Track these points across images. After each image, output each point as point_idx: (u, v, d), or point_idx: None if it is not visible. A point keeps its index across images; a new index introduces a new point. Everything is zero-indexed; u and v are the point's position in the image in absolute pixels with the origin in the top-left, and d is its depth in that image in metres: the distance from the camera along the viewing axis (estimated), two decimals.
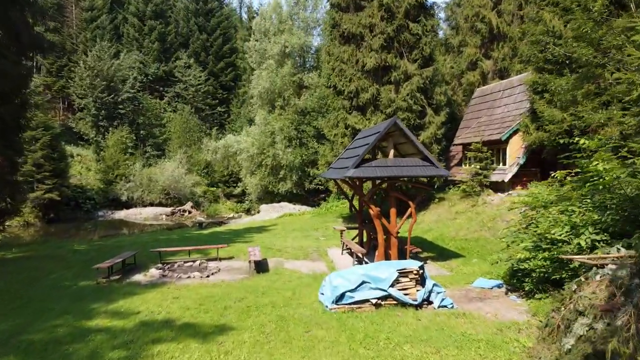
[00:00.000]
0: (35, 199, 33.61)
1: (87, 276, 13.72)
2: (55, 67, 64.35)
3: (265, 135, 39.23)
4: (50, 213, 35.68)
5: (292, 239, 21.71)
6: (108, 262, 13.67)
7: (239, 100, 63.95)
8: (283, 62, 39.30)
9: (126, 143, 46.98)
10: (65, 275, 13.81)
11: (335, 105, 26.22)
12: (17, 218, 33.82)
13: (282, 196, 40.41)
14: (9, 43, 18.93)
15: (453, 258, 15.49)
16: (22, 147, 20.60)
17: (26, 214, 33.95)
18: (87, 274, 13.92)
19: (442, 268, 14.30)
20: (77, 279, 13.46)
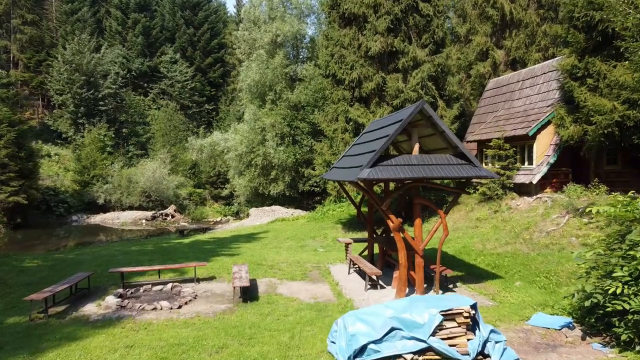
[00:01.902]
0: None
1: (23, 307, 10.53)
2: (34, 61, 60.66)
3: (255, 132, 36.03)
4: (16, 218, 32.19)
5: (287, 250, 18.63)
6: (49, 289, 10.46)
7: (227, 98, 60.92)
8: (274, 52, 36.14)
9: (104, 141, 43.49)
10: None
11: (335, 96, 23.14)
12: None
13: (274, 199, 37.23)
14: None
15: (488, 279, 12.46)
16: None
17: None
18: (24, 303, 10.70)
19: (479, 294, 11.26)
20: (7, 313, 10.26)
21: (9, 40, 59.90)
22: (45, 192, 36.31)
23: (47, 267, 15.05)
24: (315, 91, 33.51)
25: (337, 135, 22.74)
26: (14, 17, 59.70)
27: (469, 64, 32.42)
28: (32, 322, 9.62)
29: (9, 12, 59.50)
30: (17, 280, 13.11)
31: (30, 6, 61.60)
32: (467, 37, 32.93)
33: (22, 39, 59.70)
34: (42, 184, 37.58)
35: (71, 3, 63.67)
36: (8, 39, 59.88)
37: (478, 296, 11.06)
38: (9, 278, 13.32)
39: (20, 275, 13.74)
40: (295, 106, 35.77)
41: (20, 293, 11.83)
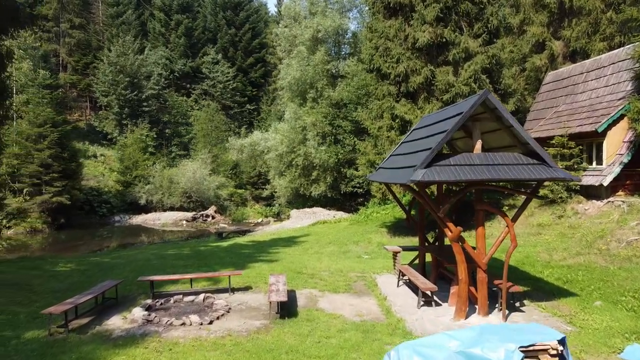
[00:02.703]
0: (43, 203, 30.36)
1: (46, 319, 9.74)
2: (81, 64, 62.15)
3: (296, 132, 35.02)
4: (60, 218, 32.45)
5: (328, 257, 17.40)
6: (71, 300, 9.65)
7: (269, 98, 60.48)
8: (315, 48, 35.02)
9: (146, 142, 43.61)
10: (13, 320, 9.86)
11: (379, 92, 21.72)
12: (23, 224, 30.82)
13: (315, 200, 36.11)
14: None
15: (560, 297, 10.80)
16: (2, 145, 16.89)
17: (33, 219, 30.82)
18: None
19: (552, 315, 9.66)
20: (27, 325, 9.50)
21: (58, 44, 61.55)
22: (88, 193, 36.63)
23: (79, 272, 14.44)
24: (358, 88, 32.15)
25: (382, 134, 21.31)
26: (62, 21, 61.28)
27: (522, 56, 30.22)
28: (50, 337, 8.81)
29: (58, 16, 61.10)
30: (46, 287, 12.48)
31: (78, 10, 63.12)
32: (521, 28, 30.68)
33: (70, 42, 61.23)
34: (87, 184, 37.98)
35: (116, 6, 64.89)
36: (57, 43, 61.53)
37: (551, 318, 9.47)
38: (37, 284, 12.71)
39: (50, 281, 13.13)
40: (337, 104, 34.55)
41: (47, 301, 11.12)
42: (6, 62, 16.78)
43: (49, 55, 57.71)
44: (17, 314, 10.16)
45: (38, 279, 13.32)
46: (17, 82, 35.28)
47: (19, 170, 31.28)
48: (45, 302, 11.05)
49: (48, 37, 60.81)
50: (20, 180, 31.42)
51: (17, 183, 31.40)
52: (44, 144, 30.61)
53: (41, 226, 31.43)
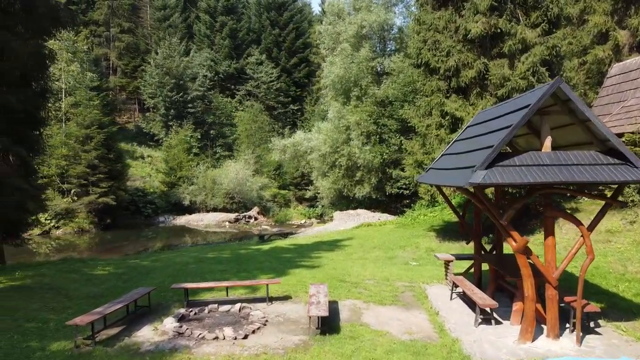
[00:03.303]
0: (90, 204, 30.86)
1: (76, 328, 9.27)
2: (130, 67, 63.76)
3: (339, 131, 34.10)
4: (106, 219, 32.93)
5: (373, 263, 16.38)
6: (99, 309, 9.11)
7: (312, 98, 59.93)
8: (359, 45, 33.97)
9: (190, 142, 43.86)
10: (42, 328, 9.43)
11: (427, 88, 20.49)
12: (71, 224, 31.41)
13: (359, 202, 35.06)
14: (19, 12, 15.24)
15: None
16: (40, 145, 16.88)
17: (80, 220, 31.36)
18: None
19: (636, 340, 8.29)
20: (55, 335, 9.02)
21: (109, 48, 63.37)
22: (133, 193, 37.12)
23: (115, 276, 14.08)
24: (404, 85, 30.88)
25: (431, 132, 20.08)
26: (112, 26, 63.04)
27: (583, 48, 28.08)
28: (76, 350, 8.25)
29: (109, 21, 62.89)
30: (81, 292, 12.11)
31: (127, 15, 64.80)
32: (581, 17, 28.54)
33: (119, 46, 62.93)
34: (133, 184, 38.52)
35: (163, 10, 66.19)
36: (108, 47, 63.39)
37: (635, 343, 8.11)
38: (73, 289, 12.37)
39: (86, 286, 12.79)
40: (382, 102, 33.39)
41: (79, 308, 10.71)
42: (48, 62, 16.76)
43: (100, 59, 59.51)
44: (48, 322, 9.74)
45: (75, 283, 13.02)
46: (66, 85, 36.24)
47: (67, 171, 31.99)
48: (78, 309, 10.64)
49: (99, 42, 62.79)
50: (68, 181, 32.15)
51: (66, 184, 32.14)
52: (90, 145, 31.16)
53: (88, 226, 31.99)
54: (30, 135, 15.95)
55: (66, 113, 34.30)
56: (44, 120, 17.11)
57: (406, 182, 30.53)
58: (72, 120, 33.42)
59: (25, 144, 15.62)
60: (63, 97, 35.60)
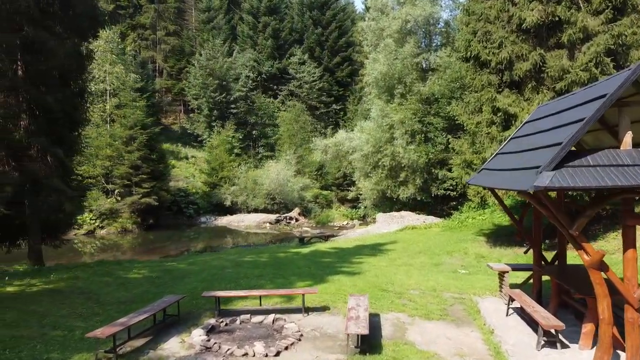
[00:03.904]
0: (133, 204, 31.14)
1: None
2: (175, 69, 64.81)
3: (382, 130, 32.94)
4: (149, 219, 33.19)
5: (419, 270, 15.29)
6: (123, 320, 8.55)
7: (355, 97, 58.86)
8: (404, 40, 32.70)
9: (232, 143, 43.80)
10: (67, 337, 8.98)
11: (477, 83, 19.16)
12: (115, 224, 31.80)
13: (403, 203, 33.78)
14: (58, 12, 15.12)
15: None
16: (78, 146, 16.77)
17: (124, 220, 31.71)
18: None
19: None
20: (78, 345, 8.53)
21: (155, 51, 64.64)
22: (176, 194, 37.31)
23: (149, 281, 13.66)
24: (451, 81, 29.41)
25: (481, 130, 18.75)
26: (158, 29, 64.26)
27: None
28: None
29: (155, 24, 64.12)
30: (113, 297, 11.70)
31: (173, 18, 65.90)
32: None
33: (165, 49, 64.09)
34: (176, 185, 38.75)
35: (207, 12, 66.87)
36: (154, 50, 64.67)
37: None
38: (105, 293, 11.99)
39: (118, 290, 12.39)
40: (427, 99, 32.02)
41: (108, 315, 10.26)
42: (86, 62, 16.64)
43: (147, 61, 60.79)
44: (74, 330, 9.30)
45: (107, 287, 12.66)
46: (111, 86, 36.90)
47: (112, 172, 32.47)
48: (107, 316, 10.19)
49: (146, 45, 64.21)
50: (112, 181, 32.63)
51: (110, 184, 32.63)
52: (133, 146, 31.46)
53: (131, 226, 32.32)
54: (68, 136, 15.87)
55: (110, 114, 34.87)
56: (82, 121, 17.04)
57: (453, 183, 29.07)
58: (116, 121, 33.94)
59: (63, 144, 15.53)
60: (108, 99, 36.27)
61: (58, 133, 15.40)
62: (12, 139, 14.19)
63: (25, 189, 14.87)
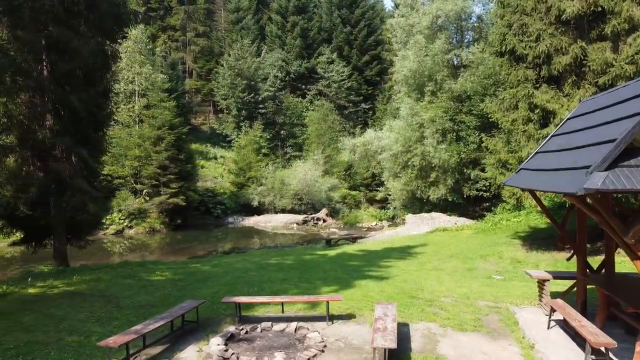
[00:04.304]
0: (160, 204, 31.25)
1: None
2: (205, 70, 65.28)
3: (412, 129, 32.10)
4: (177, 219, 33.26)
5: (450, 276, 14.53)
6: (137, 327, 8.18)
7: (384, 96, 58.17)
8: (434, 36, 31.79)
9: (259, 143, 43.62)
10: (83, 343, 8.68)
11: (513, 78, 18.23)
12: (143, 224, 31.98)
13: (434, 204, 32.86)
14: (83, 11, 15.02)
15: None
16: (102, 146, 16.67)
17: (152, 220, 31.85)
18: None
19: None
20: (92, 353, 8.19)
21: (185, 52, 65.28)
22: (204, 194, 37.33)
23: (171, 283, 13.37)
24: (485, 77, 28.36)
25: (517, 127, 17.82)
26: (188, 30, 64.88)
27: None
28: None
29: (185, 26, 64.77)
30: (133, 300, 11.41)
31: (202, 19, 66.45)
32: None
33: (195, 50, 64.68)
34: (204, 185, 38.79)
35: (236, 12, 67.16)
36: (184, 51, 65.32)
37: None
38: (125, 296, 11.72)
39: (139, 293, 12.11)
40: (458, 97, 31.04)
41: (127, 319, 9.95)
42: (111, 62, 16.53)
43: (177, 62, 61.46)
44: (90, 336, 9.00)
45: (129, 289, 12.41)
46: (139, 87, 37.24)
47: (140, 172, 32.69)
48: (125, 320, 9.89)
49: (176, 46, 64.94)
50: (140, 181, 32.86)
51: (139, 184, 32.87)
52: (161, 146, 31.56)
53: (159, 226, 32.45)
54: (93, 136, 15.78)
55: (139, 115, 35.16)
56: (107, 121, 16.96)
57: (486, 184, 28.03)
58: (145, 122, 34.17)
59: (87, 145, 15.44)
60: (136, 99, 36.62)
61: (82, 133, 15.32)
62: (37, 139, 14.14)
63: (50, 189, 14.83)
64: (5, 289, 11.81)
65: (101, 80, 16.09)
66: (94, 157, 15.74)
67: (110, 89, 16.91)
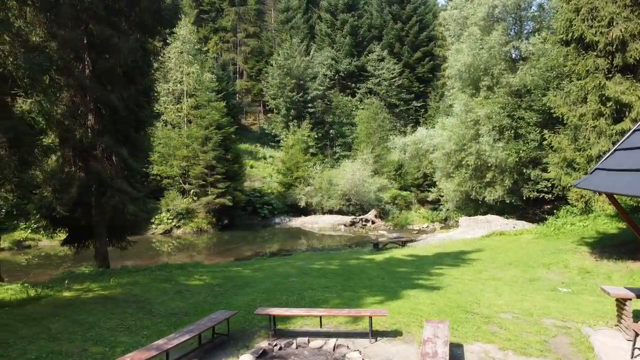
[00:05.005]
0: (207, 204, 31.23)
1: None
2: (255, 70, 65.66)
3: (466, 127, 30.39)
4: (224, 219, 33.18)
5: (509, 287, 13.15)
6: (160, 342, 7.52)
7: (437, 94, 56.28)
8: (490, 28, 29.92)
9: (307, 142, 43.01)
10: (108, 355, 8.15)
11: (581, 68, 16.51)
12: (191, 224, 32.08)
13: (489, 206, 31.00)
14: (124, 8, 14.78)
15: None
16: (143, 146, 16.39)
17: (199, 220, 31.90)
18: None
19: None
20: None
21: (236, 53, 65.94)
22: (251, 194, 37.13)
23: (209, 289, 12.79)
24: (547, 69, 26.31)
25: (586, 123, 16.11)
26: (239, 31, 65.48)
27: None
28: None
29: (236, 27, 65.45)
30: (166, 307, 10.88)
31: (253, 20, 66.93)
32: None
33: (245, 50, 65.25)
34: (251, 185, 38.64)
35: (286, 12, 67.12)
36: (235, 52, 65.99)
37: None
38: (159, 302, 11.21)
39: (174, 299, 11.58)
40: (517, 91, 29.09)
41: (157, 329, 9.38)
42: (152, 59, 16.24)
43: (228, 63, 62.09)
44: (116, 347, 8.47)
45: (164, 295, 11.92)
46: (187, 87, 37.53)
47: (188, 172, 32.87)
48: (155, 330, 9.32)
49: (227, 48, 65.70)
50: (188, 181, 33.04)
51: (187, 184, 33.06)
52: (208, 146, 31.55)
53: (206, 226, 32.46)
54: (133, 135, 15.53)
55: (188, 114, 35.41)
56: (148, 121, 16.72)
57: (548, 185, 26.01)
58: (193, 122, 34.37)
59: (128, 144, 15.20)
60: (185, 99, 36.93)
61: (123, 132, 15.09)
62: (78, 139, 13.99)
63: (91, 189, 14.68)
64: (40, 292, 11.61)
65: (142, 78, 15.83)
66: (134, 157, 15.49)
67: (151, 87, 16.67)
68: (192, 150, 32.78)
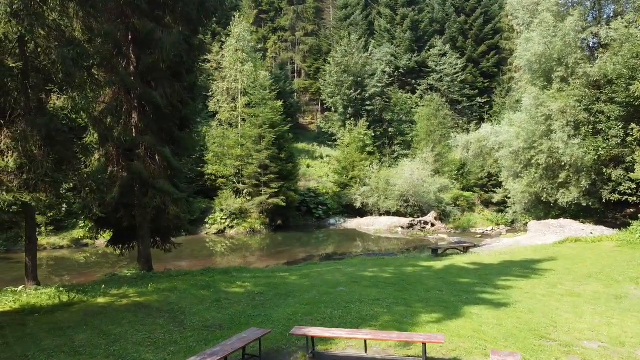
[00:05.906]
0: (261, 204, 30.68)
1: None
2: (313, 69, 65.12)
3: (537, 122, 27.88)
4: (277, 219, 32.53)
5: (592, 305, 11.24)
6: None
7: (503, 89, 53.30)
8: (565, 14, 27.31)
9: (364, 141, 41.60)
10: None
11: None
12: (244, 224, 31.69)
13: (563, 209, 28.33)
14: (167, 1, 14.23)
15: None
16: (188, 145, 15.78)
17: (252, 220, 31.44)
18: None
19: None
20: None
21: (294, 52, 65.73)
22: (305, 194, 36.32)
23: (249, 297, 11.86)
24: (632, 57, 23.52)
25: None
26: (297, 30, 65.20)
27: None
28: None
29: (294, 26, 65.25)
30: (200, 318, 10.03)
31: (311, 18, 66.49)
32: None
33: (303, 49, 64.93)
34: (307, 185, 37.84)
35: (345, 9, 66.14)
36: (293, 51, 65.80)
37: None
38: (194, 313, 10.38)
39: (211, 309, 10.73)
40: (596, 83, 26.35)
41: (186, 344, 8.51)
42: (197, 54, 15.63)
43: (286, 62, 61.86)
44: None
45: (200, 304, 11.10)
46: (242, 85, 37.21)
47: (241, 171, 32.53)
48: (184, 346, 8.45)
49: (285, 47, 65.61)
50: (242, 181, 32.69)
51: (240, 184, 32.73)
52: (262, 145, 31.03)
53: (259, 227, 31.95)
54: (177, 134, 14.92)
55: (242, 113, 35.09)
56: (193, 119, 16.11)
57: (632, 186, 23.22)
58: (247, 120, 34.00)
59: (172, 143, 14.62)
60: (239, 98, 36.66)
61: (167, 131, 14.53)
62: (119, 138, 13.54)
63: (134, 189, 14.21)
64: (74, 297, 11.12)
65: (187, 75, 15.22)
66: (178, 157, 14.90)
67: (196, 84, 16.05)
68: (245, 150, 32.42)
